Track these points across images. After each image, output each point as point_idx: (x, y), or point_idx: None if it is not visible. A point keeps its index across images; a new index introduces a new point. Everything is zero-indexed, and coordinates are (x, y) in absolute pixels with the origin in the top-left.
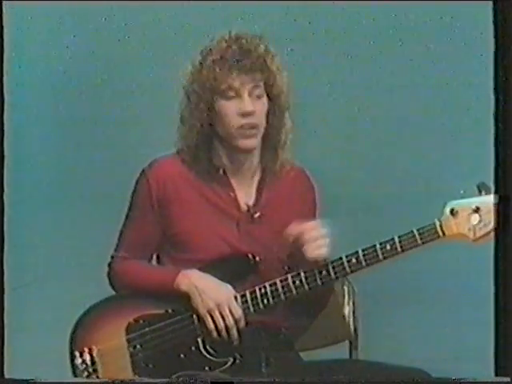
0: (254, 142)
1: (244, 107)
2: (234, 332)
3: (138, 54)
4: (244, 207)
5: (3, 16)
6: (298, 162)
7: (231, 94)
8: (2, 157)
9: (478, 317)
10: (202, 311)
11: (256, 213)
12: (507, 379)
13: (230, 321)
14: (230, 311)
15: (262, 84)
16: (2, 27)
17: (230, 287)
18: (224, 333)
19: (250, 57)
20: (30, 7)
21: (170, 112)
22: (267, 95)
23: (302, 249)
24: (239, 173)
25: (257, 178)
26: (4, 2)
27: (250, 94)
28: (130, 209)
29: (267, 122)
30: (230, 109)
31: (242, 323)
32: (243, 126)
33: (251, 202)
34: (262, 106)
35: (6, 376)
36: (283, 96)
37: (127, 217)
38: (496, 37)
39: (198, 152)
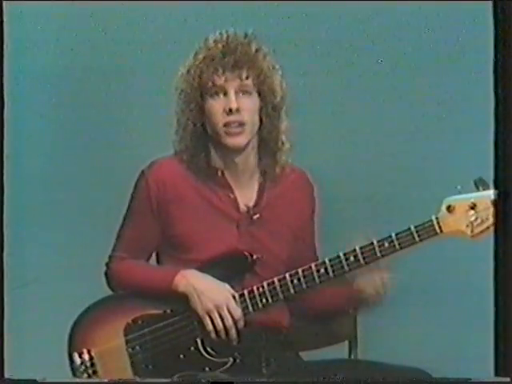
0: (242, 140)
1: (229, 104)
2: (234, 332)
3: (139, 54)
4: (244, 208)
5: (3, 16)
6: (298, 163)
7: (217, 91)
8: (2, 156)
9: (478, 317)
10: (201, 312)
11: (256, 214)
12: (507, 379)
13: (229, 321)
14: (229, 312)
15: (250, 81)
16: (2, 27)
17: (228, 287)
18: (223, 333)
19: (234, 54)
20: (30, 7)
21: (170, 113)
22: (258, 93)
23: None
24: (237, 174)
25: (256, 180)
26: (4, 2)
27: (236, 91)
28: (129, 209)
29: (261, 121)
30: (216, 107)
31: (242, 323)
32: (229, 124)
33: (251, 204)
34: (251, 103)
35: (6, 376)
36: (276, 94)
37: (126, 217)
38: (496, 37)
39: (195, 153)
